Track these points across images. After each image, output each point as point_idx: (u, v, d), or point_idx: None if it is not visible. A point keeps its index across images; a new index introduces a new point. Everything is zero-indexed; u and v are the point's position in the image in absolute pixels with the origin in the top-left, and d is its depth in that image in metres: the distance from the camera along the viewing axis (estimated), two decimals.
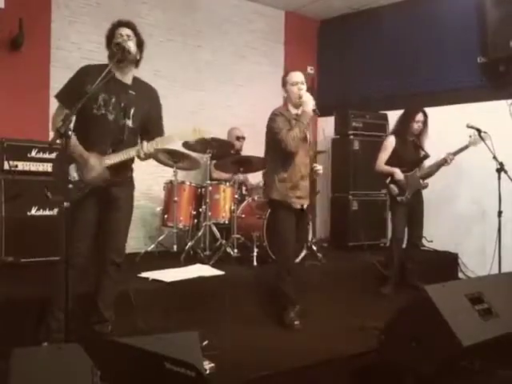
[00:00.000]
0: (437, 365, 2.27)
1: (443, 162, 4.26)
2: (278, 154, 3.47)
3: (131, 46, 2.73)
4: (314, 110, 3.43)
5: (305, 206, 3.57)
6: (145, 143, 2.74)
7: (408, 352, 2.37)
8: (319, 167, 3.63)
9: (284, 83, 3.57)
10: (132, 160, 2.88)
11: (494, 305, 2.47)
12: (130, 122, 2.78)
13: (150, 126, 2.89)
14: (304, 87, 3.52)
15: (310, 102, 3.41)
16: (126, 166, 2.85)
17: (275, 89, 3.70)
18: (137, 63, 2.85)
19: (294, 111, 3.53)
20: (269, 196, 3.59)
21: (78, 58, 4.49)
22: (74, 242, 2.56)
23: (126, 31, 2.76)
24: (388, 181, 4.38)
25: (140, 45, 2.82)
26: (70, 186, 2.63)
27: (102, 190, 2.74)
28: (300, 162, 3.51)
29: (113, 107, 2.72)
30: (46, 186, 2.82)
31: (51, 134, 2.92)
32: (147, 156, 2.77)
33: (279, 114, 3.48)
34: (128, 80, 2.81)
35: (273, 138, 3.48)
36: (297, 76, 3.53)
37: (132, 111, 2.77)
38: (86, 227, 2.71)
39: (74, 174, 2.68)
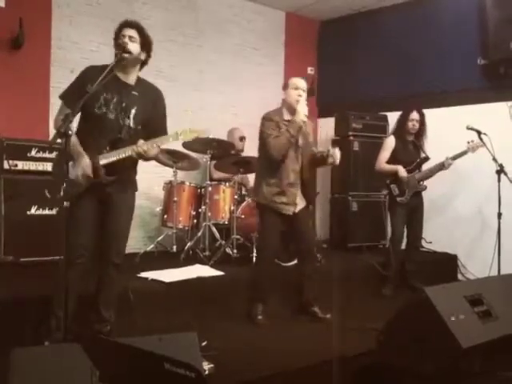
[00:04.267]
0: (436, 366, 2.27)
1: (441, 167, 4.27)
2: (267, 158, 3.50)
3: (131, 47, 2.71)
4: (304, 122, 3.43)
5: (288, 213, 3.54)
6: (141, 142, 2.71)
7: (407, 353, 2.37)
8: (335, 152, 3.47)
9: (285, 86, 3.60)
10: (134, 162, 2.85)
11: (493, 307, 2.47)
12: (130, 122, 2.77)
13: (154, 127, 2.87)
14: (304, 95, 3.52)
15: (302, 113, 3.41)
16: (125, 167, 2.81)
17: (276, 89, 3.72)
18: (142, 64, 2.85)
19: (286, 116, 3.53)
20: (256, 199, 3.66)
21: (79, 57, 4.49)
22: (75, 239, 2.55)
23: (129, 32, 2.75)
24: (389, 181, 4.38)
25: (145, 46, 2.80)
26: (65, 184, 2.63)
27: (99, 190, 2.72)
28: (289, 169, 3.51)
29: (114, 107, 2.72)
30: (47, 186, 2.82)
31: (51, 134, 2.92)
32: (146, 156, 2.74)
33: (268, 119, 3.50)
34: (131, 80, 2.81)
35: (262, 142, 3.52)
36: (300, 82, 3.55)
37: (133, 111, 2.76)
38: (84, 224, 2.69)
39: (71, 172, 2.66)
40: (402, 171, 4.30)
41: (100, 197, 2.77)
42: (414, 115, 4.32)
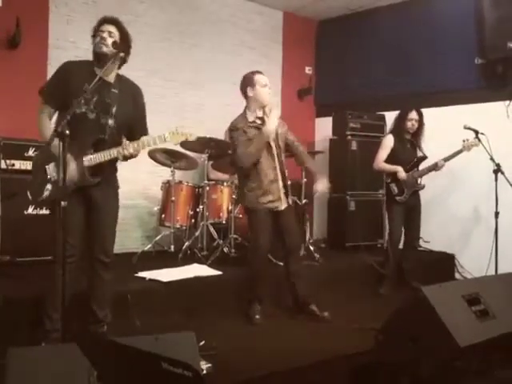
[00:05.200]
0: (434, 365, 2.28)
1: (434, 167, 4.29)
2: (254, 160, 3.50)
3: (110, 43, 2.68)
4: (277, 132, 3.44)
5: (279, 209, 3.54)
6: (127, 143, 2.69)
7: (405, 352, 2.37)
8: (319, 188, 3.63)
9: (251, 84, 3.47)
10: (114, 160, 2.82)
11: (490, 306, 2.47)
12: (111, 121, 2.72)
13: (134, 125, 2.86)
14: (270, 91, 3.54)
15: (273, 125, 3.38)
16: (109, 166, 2.80)
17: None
18: (121, 62, 2.79)
19: (251, 117, 3.49)
20: (242, 203, 3.69)
21: (75, 56, 4.45)
22: (64, 239, 2.48)
23: (108, 28, 2.71)
24: (389, 180, 4.39)
25: (124, 43, 2.74)
26: (49, 185, 2.61)
27: (83, 191, 2.71)
28: (266, 167, 3.50)
29: (94, 106, 2.67)
30: (28, 186, 2.74)
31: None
32: (129, 157, 2.74)
33: (234, 129, 3.48)
34: (111, 78, 2.76)
35: (235, 152, 3.51)
36: (266, 79, 3.51)
37: (114, 110, 2.72)
38: (73, 224, 2.62)
39: (53, 174, 2.64)
40: (401, 172, 4.30)
41: (85, 196, 2.74)
42: (413, 115, 4.32)
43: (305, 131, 6.14)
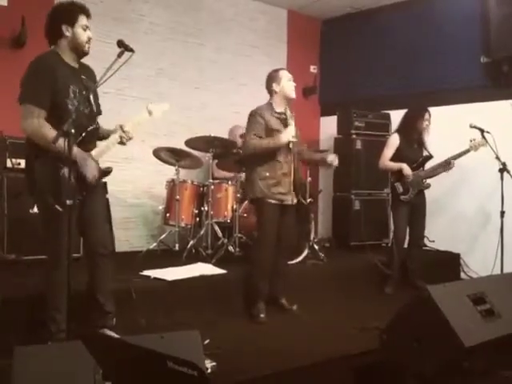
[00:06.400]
0: (438, 365, 2.27)
1: (445, 167, 4.26)
2: (258, 154, 3.54)
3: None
4: (290, 142, 3.47)
5: (288, 202, 3.57)
6: (127, 127, 2.70)
7: (410, 352, 2.36)
8: (330, 158, 3.67)
9: (277, 79, 3.59)
10: None
11: (496, 305, 2.46)
12: (94, 109, 2.72)
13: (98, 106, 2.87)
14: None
15: (290, 134, 3.45)
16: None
17: None
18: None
19: (279, 108, 3.58)
20: (252, 194, 3.63)
21: None
22: (64, 240, 2.44)
23: (89, 24, 2.71)
24: (393, 179, 4.38)
25: None
26: (67, 192, 2.53)
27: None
28: (282, 160, 3.53)
29: (80, 98, 2.62)
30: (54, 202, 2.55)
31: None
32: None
33: (256, 114, 3.54)
34: (76, 65, 2.75)
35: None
36: (290, 74, 3.63)
37: (92, 97, 2.71)
38: (75, 225, 2.62)
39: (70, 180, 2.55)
40: (406, 169, 4.29)
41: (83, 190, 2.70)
42: (428, 115, 4.32)
43: (310, 130, 6.14)
